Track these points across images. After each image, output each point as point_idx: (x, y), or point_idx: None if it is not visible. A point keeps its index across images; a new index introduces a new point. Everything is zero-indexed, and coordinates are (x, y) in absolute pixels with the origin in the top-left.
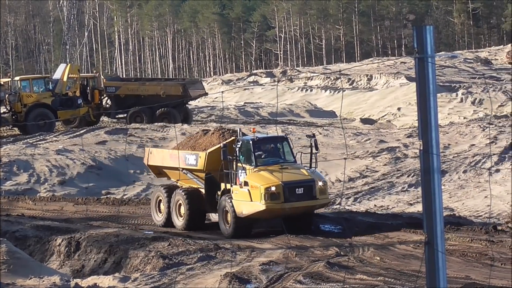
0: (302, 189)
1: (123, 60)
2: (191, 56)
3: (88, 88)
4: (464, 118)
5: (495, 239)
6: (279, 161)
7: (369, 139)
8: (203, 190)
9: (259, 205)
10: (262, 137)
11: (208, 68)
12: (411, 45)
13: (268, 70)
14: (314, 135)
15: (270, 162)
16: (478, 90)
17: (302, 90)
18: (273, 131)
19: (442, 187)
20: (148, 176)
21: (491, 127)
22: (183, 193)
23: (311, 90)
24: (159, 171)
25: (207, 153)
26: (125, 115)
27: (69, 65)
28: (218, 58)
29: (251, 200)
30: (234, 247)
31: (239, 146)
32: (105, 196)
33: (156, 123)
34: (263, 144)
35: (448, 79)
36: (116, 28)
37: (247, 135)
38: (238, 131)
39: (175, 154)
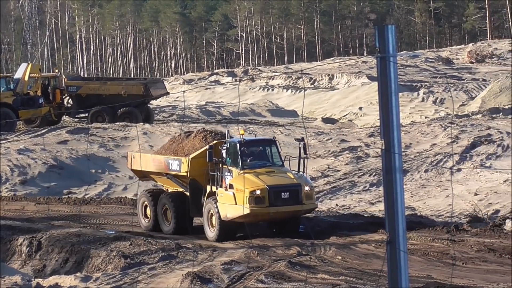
0: (287, 193)
1: (84, 60)
2: (153, 56)
3: (50, 87)
4: (426, 117)
5: (456, 238)
6: (266, 164)
7: (331, 138)
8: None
9: (243, 209)
10: (249, 140)
11: (169, 68)
12: (373, 45)
13: (230, 70)
14: (303, 139)
15: (257, 165)
16: (439, 90)
17: (263, 89)
18: (260, 133)
19: (404, 186)
20: (109, 176)
21: (452, 127)
22: (169, 198)
23: (272, 90)
24: (143, 174)
25: (190, 159)
26: (86, 114)
27: (30, 64)
28: (179, 57)
29: (236, 204)
30: (195, 246)
31: (225, 148)
32: (67, 196)
33: (117, 123)
34: (250, 147)
35: (410, 79)
36: (77, 28)
37: (233, 137)
38: (226, 133)
39: (158, 159)
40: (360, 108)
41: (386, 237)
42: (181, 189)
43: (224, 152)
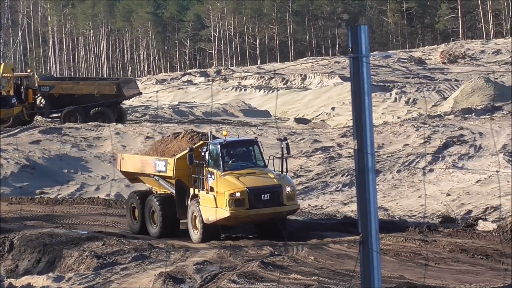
0: (268, 195)
1: (57, 59)
2: (125, 56)
3: (22, 87)
4: (398, 117)
5: (429, 238)
6: (249, 165)
7: (303, 138)
8: None
9: (224, 212)
10: (230, 141)
11: (142, 68)
12: (345, 45)
13: (202, 70)
14: (285, 139)
15: (238, 166)
16: (412, 90)
17: (236, 89)
18: (239, 133)
19: (377, 186)
20: (82, 176)
21: (425, 127)
22: (155, 200)
23: (245, 90)
24: (133, 176)
25: (176, 159)
26: (59, 114)
27: (2, 64)
28: (152, 57)
29: (217, 206)
30: (168, 246)
31: (205, 149)
32: (39, 196)
33: (90, 123)
34: (232, 148)
35: (382, 79)
36: (50, 27)
37: (218, 138)
38: (208, 134)
39: (145, 160)
40: (333, 108)
41: (359, 237)
42: (169, 191)
43: (206, 154)
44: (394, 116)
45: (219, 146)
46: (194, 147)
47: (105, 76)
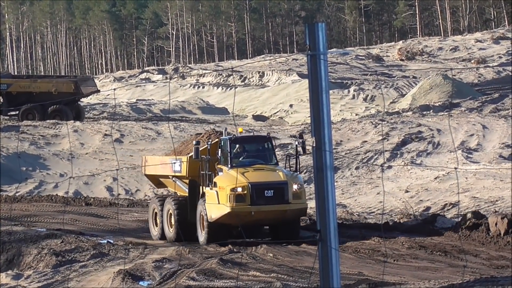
0: (272, 191)
1: (14, 57)
2: (83, 54)
3: None
4: (356, 114)
5: (387, 235)
6: (258, 162)
7: None
8: None
9: (224, 208)
10: (240, 136)
11: (100, 65)
12: (303, 42)
13: (160, 67)
14: (302, 136)
15: (246, 163)
16: (369, 87)
17: (194, 87)
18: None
19: (335, 183)
20: (40, 174)
21: (383, 124)
22: (172, 202)
23: (203, 87)
24: (157, 180)
25: (188, 157)
26: (17, 112)
27: None
28: (110, 55)
29: (219, 203)
30: (127, 244)
31: (220, 145)
32: None
33: (48, 120)
34: (242, 144)
35: (340, 76)
36: (7, 25)
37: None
38: (224, 131)
39: (164, 160)
40: (291, 106)
41: (318, 234)
42: (186, 193)
43: (219, 150)
44: (352, 113)
45: (228, 142)
46: (199, 139)
47: (63, 74)
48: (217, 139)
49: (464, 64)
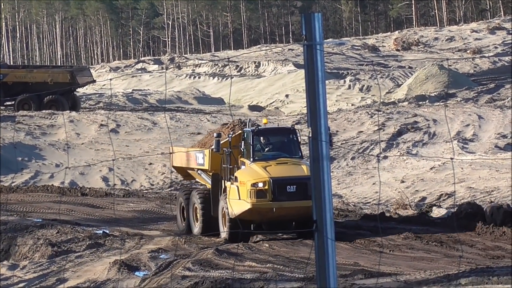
0: (294, 187)
1: (10, 47)
2: (79, 44)
3: None
4: (352, 105)
5: (383, 225)
6: (282, 155)
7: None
8: None
9: (245, 204)
10: (263, 128)
11: (95, 55)
12: (299, 32)
13: (156, 57)
14: (328, 128)
15: (269, 156)
16: (365, 77)
17: (190, 77)
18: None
19: (331, 174)
20: (36, 164)
21: (379, 114)
22: (197, 195)
23: (199, 77)
24: (185, 172)
25: (210, 150)
26: (12, 102)
27: None
28: (106, 45)
29: (239, 198)
30: (123, 234)
31: (244, 137)
32: None
33: (44, 111)
34: (265, 136)
35: (336, 66)
36: (3, 15)
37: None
38: (248, 121)
39: (189, 153)
40: (287, 96)
41: (314, 225)
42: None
43: (242, 143)
44: (348, 103)
45: (251, 134)
46: (220, 132)
47: (59, 64)
48: (240, 131)
49: (460, 54)
